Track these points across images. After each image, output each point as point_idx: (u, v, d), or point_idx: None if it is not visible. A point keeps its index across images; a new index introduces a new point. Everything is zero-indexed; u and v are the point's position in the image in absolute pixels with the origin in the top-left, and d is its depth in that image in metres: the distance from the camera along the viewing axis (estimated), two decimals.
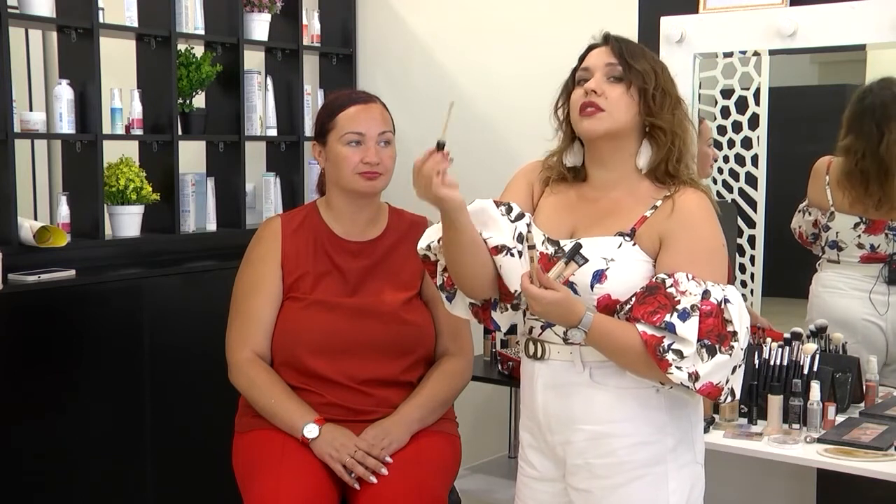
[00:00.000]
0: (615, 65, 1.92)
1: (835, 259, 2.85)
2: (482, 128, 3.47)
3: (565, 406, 1.97)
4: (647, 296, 1.85)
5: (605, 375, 1.93)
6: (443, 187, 1.86)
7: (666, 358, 1.81)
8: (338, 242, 2.53)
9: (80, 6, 3.05)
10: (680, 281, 1.83)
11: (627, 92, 1.91)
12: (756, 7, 2.75)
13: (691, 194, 1.92)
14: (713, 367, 1.82)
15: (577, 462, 1.97)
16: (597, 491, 1.95)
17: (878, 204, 2.74)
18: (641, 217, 1.92)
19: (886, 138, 2.70)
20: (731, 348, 1.84)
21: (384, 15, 3.73)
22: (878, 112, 2.72)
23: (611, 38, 1.96)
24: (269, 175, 3.61)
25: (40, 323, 2.86)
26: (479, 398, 3.36)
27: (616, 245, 1.89)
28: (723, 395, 1.86)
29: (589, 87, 1.92)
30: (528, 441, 2.08)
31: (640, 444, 1.92)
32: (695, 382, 1.82)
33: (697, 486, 2.00)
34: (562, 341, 1.95)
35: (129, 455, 3.06)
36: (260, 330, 2.49)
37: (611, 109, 1.90)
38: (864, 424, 2.46)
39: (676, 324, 1.81)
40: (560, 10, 3.28)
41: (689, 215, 1.89)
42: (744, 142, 2.97)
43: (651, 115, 1.91)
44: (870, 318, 2.79)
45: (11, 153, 2.88)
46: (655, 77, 1.93)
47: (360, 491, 2.35)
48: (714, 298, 1.83)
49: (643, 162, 1.94)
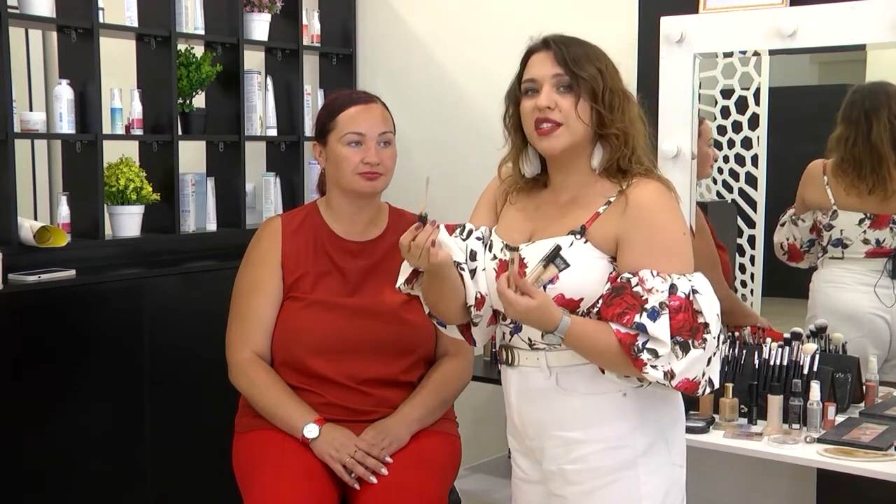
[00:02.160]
0: (562, 75, 1.92)
1: (839, 256, 2.85)
2: (482, 128, 3.47)
3: (536, 412, 1.98)
4: (614, 297, 1.84)
5: (571, 381, 1.93)
6: (434, 256, 1.92)
7: (641, 357, 1.81)
8: (338, 242, 2.53)
9: (80, 6, 3.05)
10: (645, 279, 1.82)
11: (578, 103, 1.91)
12: (756, 7, 2.75)
13: (645, 186, 1.91)
14: (688, 364, 1.81)
15: (552, 468, 1.99)
16: (571, 497, 1.96)
17: (872, 189, 2.76)
18: (594, 213, 1.92)
19: (876, 126, 2.73)
20: (704, 341, 1.82)
21: (384, 15, 3.73)
22: (867, 101, 2.76)
23: (551, 44, 1.95)
24: (269, 175, 3.61)
25: (40, 323, 2.86)
26: (479, 398, 3.36)
27: (567, 244, 1.89)
28: (700, 388, 1.85)
29: (541, 104, 1.91)
30: (514, 445, 2.11)
31: (610, 450, 1.93)
32: (671, 380, 1.81)
33: (675, 489, 1.99)
34: (528, 347, 1.97)
35: (129, 455, 3.06)
36: (260, 330, 2.49)
37: (567, 122, 1.91)
38: (864, 424, 2.47)
39: (647, 324, 1.80)
40: (560, 10, 3.28)
41: (642, 210, 1.88)
42: (744, 142, 2.97)
43: (603, 123, 1.91)
44: (875, 312, 2.80)
45: (11, 153, 2.88)
46: (602, 79, 1.92)
47: (360, 491, 2.35)
48: (682, 292, 1.82)
49: (597, 162, 1.95)
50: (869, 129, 2.74)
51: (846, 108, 2.79)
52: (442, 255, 1.93)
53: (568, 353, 1.92)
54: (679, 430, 2.02)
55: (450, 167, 3.45)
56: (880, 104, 2.74)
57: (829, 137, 2.82)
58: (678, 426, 2.02)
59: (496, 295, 1.91)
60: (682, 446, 2.02)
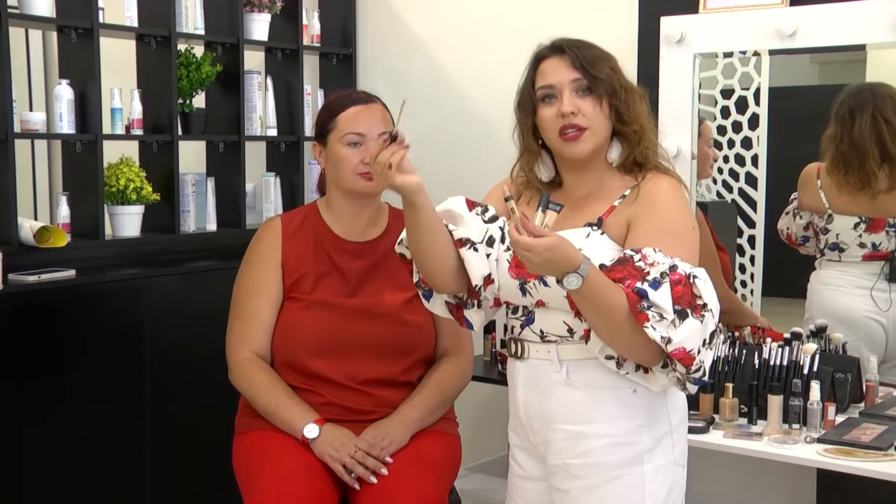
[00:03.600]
0: (580, 79, 1.93)
1: (836, 259, 2.85)
2: (482, 128, 3.47)
3: (544, 405, 1.98)
4: (616, 265, 1.83)
5: (582, 374, 1.93)
6: (398, 176, 1.90)
7: (646, 312, 1.77)
8: (338, 243, 2.53)
9: (80, 6, 3.05)
10: (647, 255, 1.82)
11: (601, 104, 1.92)
12: (756, 7, 2.75)
13: (660, 179, 1.93)
14: (686, 333, 1.78)
15: (556, 462, 1.98)
16: (574, 491, 1.96)
17: (861, 188, 2.75)
18: (610, 207, 1.93)
19: (858, 122, 2.74)
20: (703, 317, 1.80)
21: (384, 15, 3.73)
22: (852, 99, 2.77)
23: (565, 48, 1.95)
24: (269, 175, 3.61)
25: (40, 323, 2.86)
26: (479, 398, 3.36)
27: (584, 235, 1.90)
28: (694, 364, 1.80)
29: (566, 110, 1.91)
30: (515, 441, 2.10)
31: (617, 445, 1.93)
32: (667, 345, 1.78)
33: (677, 488, 2.00)
34: (539, 340, 1.96)
35: (129, 455, 3.06)
36: (260, 330, 2.49)
37: (592, 126, 1.92)
38: (864, 424, 2.47)
39: (649, 291, 1.78)
40: (560, 10, 3.28)
41: (655, 197, 1.90)
42: (744, 142, 2.97)
43: (622, 120, 1.93)
44: (871, 315, 2.80)
45: (11, 153, 2.88)
46: (616, 76, 1.94)
47: (360, 491, 2.35)
48: (682, 271, 1.81)
49: (615, 156, 1.96)
50: (853, 125, 2.75)
51: (836, 105, 2.79)
52: (402, 178, 1.89)
53: (579, 346, 1.92)
54: (683, 431, 2.03)
55: (450, 167, 3.45)
56: (864, 100, 2.74)
57: (822, 137, 2.82)
58: (683, 426, 2.03)
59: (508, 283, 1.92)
60: (684, 446, 2.02)
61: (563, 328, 1.93)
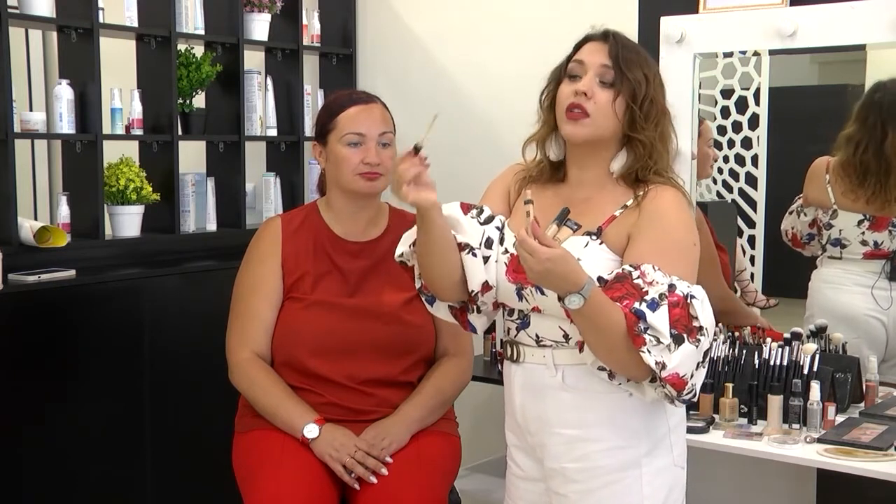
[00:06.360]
0: (609, 68, 1.91)
1: (837, 256, 2.85)
2: (481, 128, 3.47)
3: (540, 409, 1.97)
4: (615, 282, 1.82)
5: (577, 379, 1.92)
6: (412, 192, 1.87)
7: (643, 336, 1.77)
8: (338, 243, 2.53)
9: (80, 6, 3.05)
10: (646, 272, 1.81)
11: (615, 100, 1.90)
12: (756, 7, 2.75)
13: (664, 191, 1.91)
14: (681, 358, 1.78)
15: (553, 466, 1.98)
16: (572, 495, 1.95)
17: (871, 197, 2.74)
18: (610, 216, 1.92)
19: (891, 137, 2.70)
20: (698, 341, 1.80)
21: (384, 15, 3.73)
22: (886, 110, 2.72)
23: (610, 37, 1.95)
24: (269, 175, 3.61)
25: (40, 323, 2.86)
26: (479, 398, 3.36)
27: (583, 244, 1.89)
28: (686, 388, 1.80)
29: (580, 88, 1.90)
30: (513, 441, 2.09)
31: (614, 449, 1.92)
32: (661, 370, 1.78)
33: (676, 489, 1.99)
34: (535, 344, 1.96)
35: (128, 455, 3.06)
36: (260, 330, 2.49)
37: (596, 116, 1.90)
38: (864, 424, 2.46)
39: (647, 313, 1.77)
40: (560, 9, 3.28)
41: (657, 209, 1.88)
42: (744, 142, 2.97)
43: (634, 128, 1.91)
44: (872, 314, 2.80)
45: (11, 153, 2.88)
46: (646, 86, 1.91)
47: (360, 491, 2.35)
48: (680, 291, 1.80)
49: (617, 167, 1.94)
50: (883, 137, 2.70)
51: (863, 107, 2.74)
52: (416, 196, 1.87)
53: (574, 352, 1.91)
54: (681, 432, 2.02)
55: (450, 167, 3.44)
56: None
57: (839, 134, 2.77)
58: (681, 428, 2.02)
59: (505, 286, 1.91)
60: (683, 447, 2.02)
61: (559, 333, 1.93)
